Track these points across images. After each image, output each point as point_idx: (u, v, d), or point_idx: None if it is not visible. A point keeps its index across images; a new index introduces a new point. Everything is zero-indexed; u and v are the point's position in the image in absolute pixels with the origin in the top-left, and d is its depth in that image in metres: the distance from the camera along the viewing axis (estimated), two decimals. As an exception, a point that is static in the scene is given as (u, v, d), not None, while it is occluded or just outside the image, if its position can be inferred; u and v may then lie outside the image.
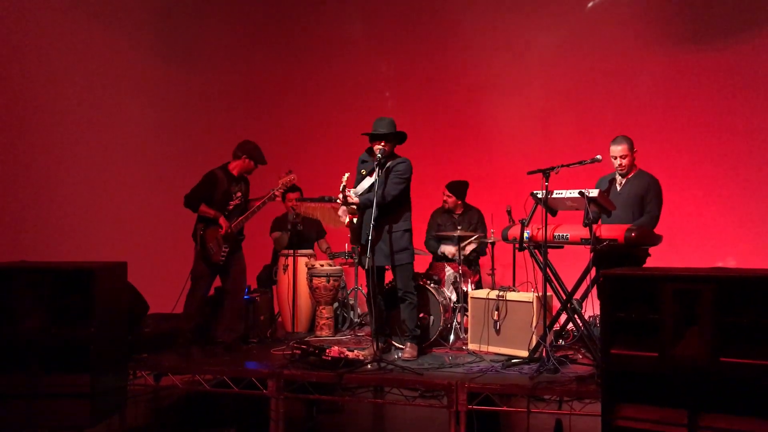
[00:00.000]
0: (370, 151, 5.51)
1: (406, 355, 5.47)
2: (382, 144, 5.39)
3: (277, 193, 5.98)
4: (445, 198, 6.94)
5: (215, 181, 5.86)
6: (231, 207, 5.93)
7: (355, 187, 5.46)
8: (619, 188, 5.39)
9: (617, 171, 5.40)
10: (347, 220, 5.45)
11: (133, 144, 7.93)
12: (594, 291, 4.96)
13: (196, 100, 8.81)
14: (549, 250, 5.11)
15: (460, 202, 6.93)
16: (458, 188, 6.92)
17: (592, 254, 4.91)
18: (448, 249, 6.81)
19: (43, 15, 6.96)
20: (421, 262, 6.51)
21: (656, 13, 7.86)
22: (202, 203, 5.82)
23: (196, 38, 8.84)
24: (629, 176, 5.38)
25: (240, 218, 5.91)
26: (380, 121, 5.46)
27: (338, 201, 5.40)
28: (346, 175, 5.28)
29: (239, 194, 5.97)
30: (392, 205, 5.40)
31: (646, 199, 5.26)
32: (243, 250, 6.05)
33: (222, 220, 5.83)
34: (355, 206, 5.36)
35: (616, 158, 5.34)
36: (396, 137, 5.47)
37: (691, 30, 7.72)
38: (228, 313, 5.99)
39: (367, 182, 5.40)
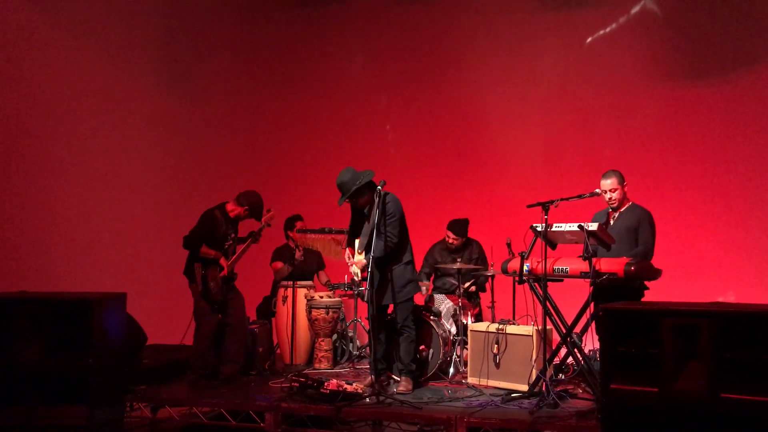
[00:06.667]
0: None
1: (401, 388, 5.44)
2: (355, 201, 5.49)
3: (248, 242, 5.98)
4: (450, 240, 6.84)
5: (215, 223, 5.86)
6: (226, 247, 5.94)
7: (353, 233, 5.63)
8: (612, 222, 5.40)
9: (609, 205, 5.42)
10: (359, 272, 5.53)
11: (134, 175, 7.96)
12: (593, 325, 4.95)
13: (198, 131, 8.86)
14: (549, 283, 5.11)
15: (464, 240, 6.88)
16: (461, 227, 6.85)
17: (591, 288, 4.91)
18: (422, 289, 6.78)
19: (47, 49, 7.04)
20: (420, 294, 6.47)
21: (655, 49, 7.93)
22: (203, 245, 5.82)
23: (198, 71, 8.92)
24: (621, 210, 5.38)
25: (233, 258, 5.93)
26: (342, 184, 5.41)
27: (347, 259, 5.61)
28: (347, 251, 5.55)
29: (232, 235, 5.99)
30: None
31: (639, 232, 5.25)
32: (242, 281, 6.04)
33: (223, 261, 5.84)
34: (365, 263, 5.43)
35: (606, 192, 5.34)
36: (363, 188, 5.40)
37: (690, 65, 7.79)
38: (231, 346, 5.96)
39: (364, 238, 5.44)
